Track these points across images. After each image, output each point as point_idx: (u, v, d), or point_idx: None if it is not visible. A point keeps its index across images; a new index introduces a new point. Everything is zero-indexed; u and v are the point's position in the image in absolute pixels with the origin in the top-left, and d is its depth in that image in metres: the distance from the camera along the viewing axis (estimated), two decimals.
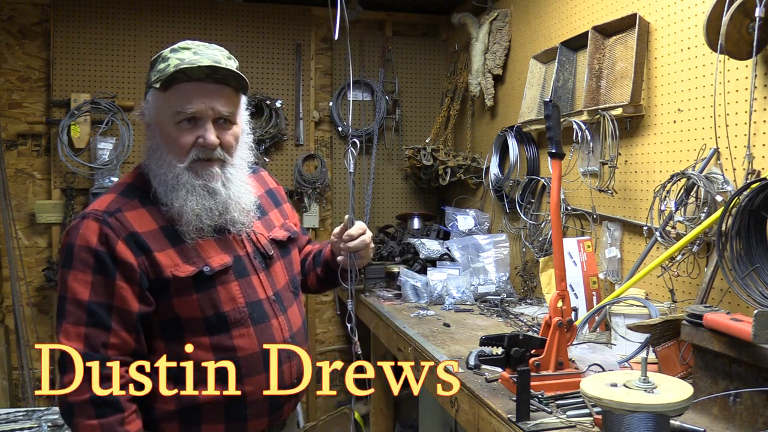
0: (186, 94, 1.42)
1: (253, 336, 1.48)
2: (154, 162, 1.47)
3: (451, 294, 2.83)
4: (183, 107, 1.42)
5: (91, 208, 1.42)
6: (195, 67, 1.41)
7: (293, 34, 4.06)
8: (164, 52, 1.47)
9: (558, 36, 2.84)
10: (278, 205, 1.75)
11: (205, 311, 1.43)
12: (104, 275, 1.36)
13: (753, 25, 1.66)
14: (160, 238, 1.42)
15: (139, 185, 1.48)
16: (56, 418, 2.43)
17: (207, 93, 1.43)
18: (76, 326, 1.34)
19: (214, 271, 1.44)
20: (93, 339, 1.34)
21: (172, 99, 1.43)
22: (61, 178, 3.67)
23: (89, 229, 1.38)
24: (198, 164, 1.46)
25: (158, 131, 1.47)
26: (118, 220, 1.39)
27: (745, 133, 1.79)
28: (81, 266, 1.36)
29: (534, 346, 1.60)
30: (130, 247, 1.38)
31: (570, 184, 2.61)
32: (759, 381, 1.34)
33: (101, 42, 3.73)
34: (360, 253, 1.64)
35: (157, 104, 1.46)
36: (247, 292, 1.49)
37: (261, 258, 1.56)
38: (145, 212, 1.44)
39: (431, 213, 4.14)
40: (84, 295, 1.35)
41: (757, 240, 1.56)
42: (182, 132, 1.44)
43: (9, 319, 3.61)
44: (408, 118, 4.28)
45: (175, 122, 1.44)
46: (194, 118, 1.44)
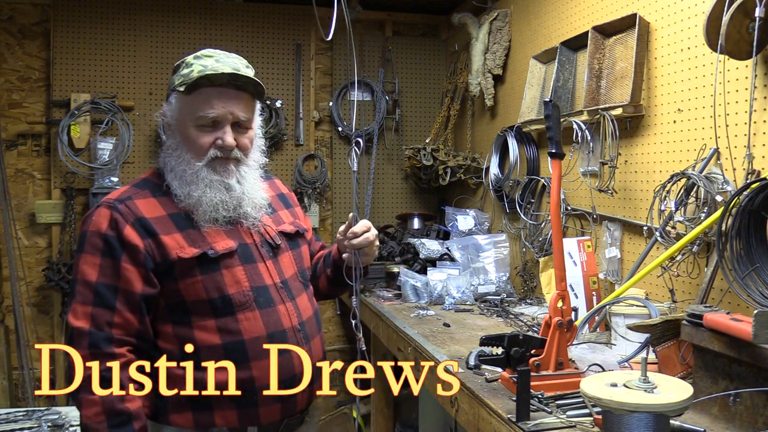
0: (208, 98, 1.51)
1: (258, 319, 1.52)
2: (173, 159, 1.55)
3: (451, 294, 2.83)
4: (205, 111, 1.51)
5: (105, 198, 1.52)
6: (218, 73, 1.49)
7: (293, 34, 4.06)
8: (188, 59, 1.56)
9: (558, 36, 2.84)
10: (288, 207, 1.81)
11: (210, 293, 1.48)
12: (111, 258, 1.44)
13: (753, 25, 1.66)
14: (167, 223, 1.50)
15: (153, 180, 1.58)
16: (56, 418, 2.43)
17: (228, 98, 1.53)
18: (84, 305, 1.42)
19: (218, 254, 1.50)
20: (98, 318, 1.41)
21: (195, 103, 1.52)
22: (61, 178, 3.67)
23: (101, 216, 1.47)
24: (216, 162, 1.54)
25: (179, 131, 1.56)
26: (128, 207, 1.48)
27: (745, 133, 1.79)
28: (91, 249, 1.45)
29: (534, 346, 1.60)
30: (137, 231, 1.46)
31: (570, 184, 2.61)
32: (759, 381, 1.34)
33: (101, 42, 3.73)
34: (364, 251, 1.66)
35: (180, 106, 1.55)
36: (252, 277, 1.54)
37: (268, 247, 1.62)
38: (155, 201, 1.52)
39: (431, 213, 4.14)
40: (92, 276, 1.43)
41: (757, 240, 1.56)
42: (202, 133, 1.53)
43: (9, 319, 3.61)
44: (408, 118, 4.28)
45: (197, 124, 1.53)
46: (215, 121, 1.53)
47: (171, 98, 1.57)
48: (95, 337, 1.39)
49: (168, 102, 1.58)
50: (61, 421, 2.41)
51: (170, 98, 1.57)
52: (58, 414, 2.48)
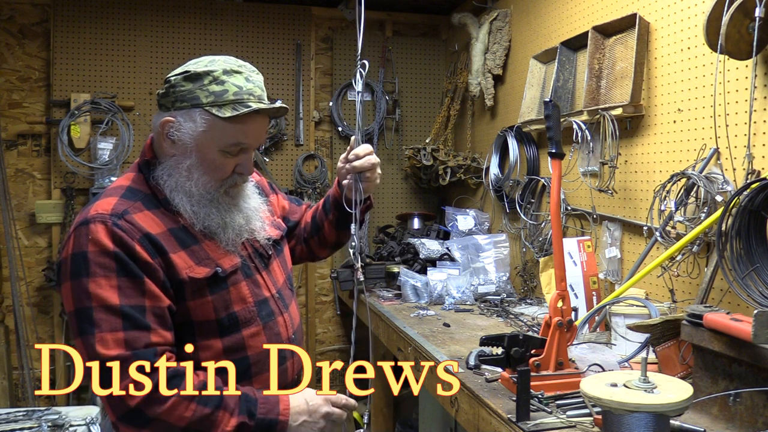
0: (246, 128, 1.42)
1: (262, 334, 1.49)
2: (182, 177, 1.43)
3: (451, 294, 2.82)
4: (240, 140, 1.42)
5: (93, 213, 1.34)
6: (262, 104, 1.41)
7: (293, 34, 4.06)
8: (215, 72, 1.40)
9: (558, 36, 2.84)
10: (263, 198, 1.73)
11: (219, 313, 1.42)
12: (129, 276, 1.31)
13: (753, 25, 1.66)
14: (170, 241, 1.39)
15: (140, 188, 1.44)
16: (56, 418, 2.43)
17: (261, 127, 1.46)
18: (113, 332, 1.27)
19: (227, 273, 1.45)
20: (134, 342, 1.28)
21: (231, 129, 1.40)
22: (61, 178, 3.67)
23: (99, 233, 1.31)
24: (232, 188, 1.49)
25: (197, 151, 1.41)
26: (129, 222, 1.34)
27: (745, 133, 1.79)
28: (102, 271, 1.29)
29: (534, 346, 1.60)
30: (146, 249, 1.33)
31: (570, 184, 2.61)
32: (759, 381, 1.34)
33: (101, 42, 3.73)
34: (365, 175, 1.58)
35: (209, 128, 1.40)
36: (254, 291, 1.50)
37: (260, 258, 1.57)
38: (151, 215, 1.40)
39: (431, 213, 4.14)
40: (114, 299, 1.28)
41: (757, 240, 1.56)
42: (226, 159, 1.43)
43: (9, 319, 3.61)
44: (408, 118, 4.28)
45: (223, 150, 1.42)
46: (242, 149, 1.45)
47: (196, 115, 1.39)
48: (140, 355, 1.27)
49: (187, 115, 1.40)
50: (61, 421, 2.41)
51: (194, 114, 1.39)
52: (58, 414, 2.48)
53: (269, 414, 1.37)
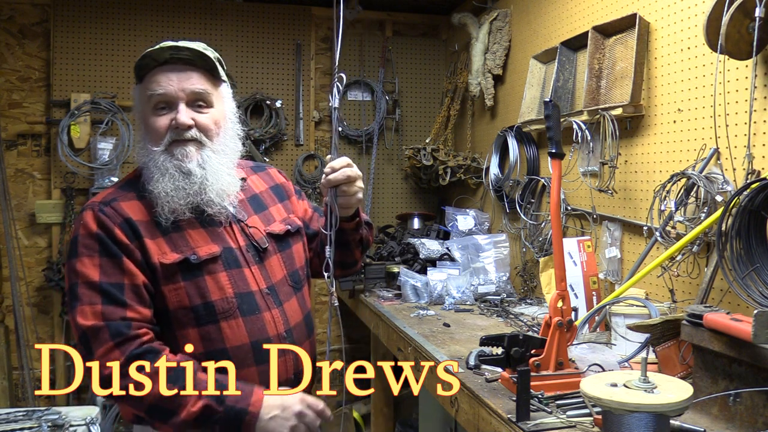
0: (156, 78, 1.50)
1: (242, 327, 1.48)
2: (142, 155, 1.54)
3: (451, 294, 2.82)
4: (153, 89, 1.49)
5: (90, 201, 1.51)
6: (157, 49, 1.49)
7: (293, 34, 4.06)
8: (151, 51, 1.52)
9: (558, 36, 2.84)
10: (282, 200, 1.75)
11: (193, 300, 1.45)
12: (110, 256, 1.42)
13: (753, 25, 1.66)
14: (151, 228, 1.47)
15: (136, 181, 1.54)
16: (56, 418, 2.43)
17: (175, 74, 1.50)
18: (92, 306, 1.39)
19: (201, 260, 1.47)
20: (110, 315, 1.38)
21: (145, 86, 1.52)
22: (61, 178, 3.67)
23: (88, 219, 1.45)
24: (173, 146, 1.50)
25: (142, 122, 1.55)
26: (113, 208, 1.46)
27: (745, 133, 1.79)
28: (87, 252, 1.42)
29: (534, 346, 1.60)
30: (125, 233, 1.44)
31: (570, 184, 2.61)
32: (759, 381, 1.34)
33: (101, 42, 3.73)
34: (342, 189, 1.52)
35: (137, 96, 1.56)
36: (236, 283, 1.50)
37: (255, 251, 1.57)
38: (139, 203, 1.50)
39: (431, 213, 4.14)
40: (95, 276, 1.40)
41: (757, 240, 1.56)
42: (158, 117, 1.50)
43: (9, 319, 3.61)
44: (408, 118, 4.28)
45: (152, 108, 1.51)
46: (168, 102, 1.50)
47: (136, 92, 1.58)
48: (114, 327, 1.37)
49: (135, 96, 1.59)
50: (61, 421, 2.41)
51: (135, 92, 1.58)
52: (58, 414, 2.48)
53: (239, 403, 1.38)
